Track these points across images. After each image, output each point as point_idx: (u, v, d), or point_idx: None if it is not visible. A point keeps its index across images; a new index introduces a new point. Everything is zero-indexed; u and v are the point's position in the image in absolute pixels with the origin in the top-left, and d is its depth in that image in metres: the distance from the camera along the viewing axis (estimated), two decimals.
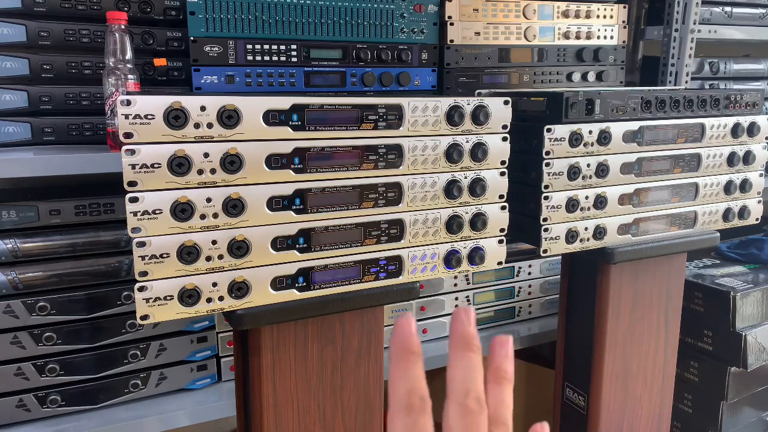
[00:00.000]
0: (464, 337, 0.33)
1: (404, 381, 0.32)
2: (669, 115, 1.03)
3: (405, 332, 0.33)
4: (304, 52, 1.12)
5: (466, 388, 0.32)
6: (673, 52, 1.50)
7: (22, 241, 0.99)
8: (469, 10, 1.25)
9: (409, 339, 0.33)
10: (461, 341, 0.33)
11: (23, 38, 0.99)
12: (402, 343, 0.33)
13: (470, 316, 0.34)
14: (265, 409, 0.83)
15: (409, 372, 0.32)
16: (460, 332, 0.34)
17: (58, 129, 1.04)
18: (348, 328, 0.88)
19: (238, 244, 0.74)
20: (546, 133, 0.92)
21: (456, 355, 0.33)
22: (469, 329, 0.34)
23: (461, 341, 0.33)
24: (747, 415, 1.44)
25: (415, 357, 0.32)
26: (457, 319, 0.34)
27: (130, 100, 0.66)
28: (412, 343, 0.33)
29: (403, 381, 0.32)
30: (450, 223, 0.87)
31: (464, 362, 0.33)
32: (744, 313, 1.32)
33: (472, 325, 0.34)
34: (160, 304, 0.71)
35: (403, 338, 0.33)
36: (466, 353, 0.33)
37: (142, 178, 0.68)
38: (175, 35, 1.08)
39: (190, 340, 1.12)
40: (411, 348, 0.32)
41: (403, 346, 0.32)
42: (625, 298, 1.11)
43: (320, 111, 0.76)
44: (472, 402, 0.32)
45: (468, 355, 0.33)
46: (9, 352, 0.99)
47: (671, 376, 1.22)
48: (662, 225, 1.08)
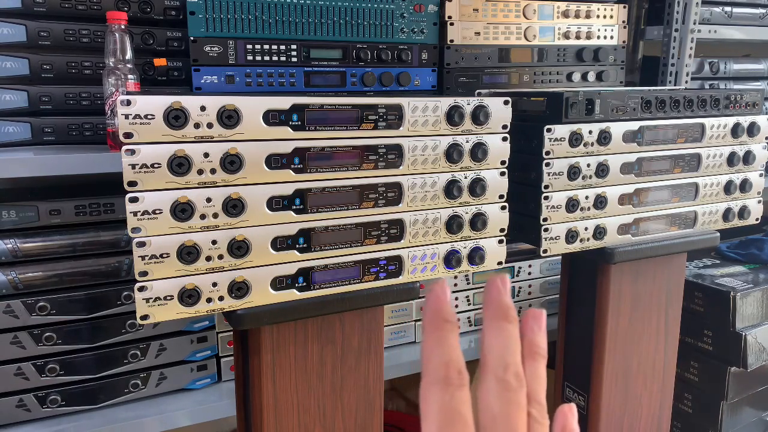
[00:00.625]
0: (501, 307, 0.31)
1: (441, 352, 0.29)
2: (669, 115, 1.03)
3: (440, 300, 0.31)
4: (304, 52, 1.12)
5: (505, 361, 0.30)
6: (673, 52, 1.50)
7: (22, 241, 0.99)
8: (469, 10, 1.25)
9: (444, 307, 0.30)
10: (498, 311, 0.31)
11: (23, 38, 0.99)
12: (437, 310, 0.30)
13: (506, 285, 0.32)
14: (265, 409, 0.83)
15: (445, 342, 0.30)
16: (497, 301, 0.31)
17: (58, 129, 1.04)
18: (348, 328, 0.88)
19: (238, 244, 0.74)
20: (546, 133, 0.92)
21: (493, 326, 0.31)
22: (505, 299, 0.32)
23: (498, 311, 0.31)
24: (747, 415, 1.44)
25: (451, 326, 0.30)
26: (493, 286, 0.32)
27: (130, 100, 0.66)
28: (448, 311, 0.30)
29: (439, 352, 0.29)
30: (450, 223, 0.87)
31: (502, 334, 0.31)
32: (744, 313, 1.32)
33: (508, 295, 0.32)
34: (160, 304, 0.71)
35: (438, 306, 0.30)
36: (503, 324, 0.31)
37: (142, 178, 0.68)
38: (175, 35, 1.08)
39: (190, 340, 1.12)
40: (446, 316, 0.30)
41: (439, 314, 0.30)
42: (625, 298, 1.11)
43: (320, 111, 0.76)
44: (512, 377, 0.30)
45: (505, 326, 0.31)
46: (9, 352, 0.99)
47: (671, 376, 1.22)
48: (662, 225, 1.08)
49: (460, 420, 0.29)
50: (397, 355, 1.29)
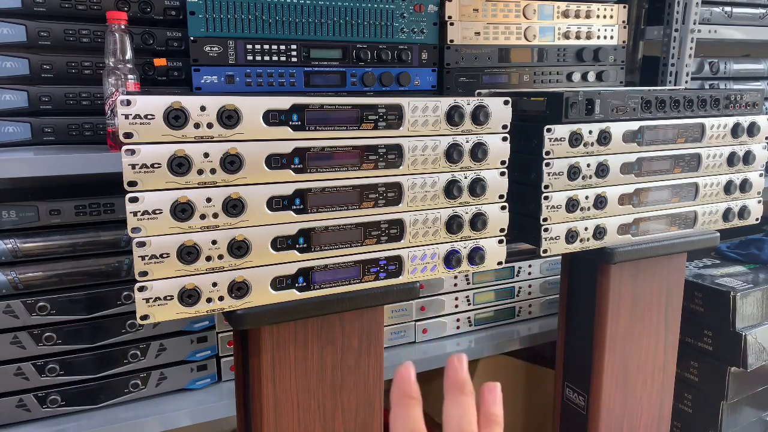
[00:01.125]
0: (458, 382, 0.36)
1: (405, 422, 0.34)
2: (669, 115, 1.03)
3: (405, 379, 0.36)
4: (304, 52, 1.12)
5: (461, 428, 0.35)
6: (673, 52, 1.50)
7: (22, 241, 0.99)
8: (469, 10, 1.25)
9: (408, 385, 0.36)
10: (455, 386, 0.36)
11: (23, 38, 0.99)
12: (402, 388, 0.35)
13: (463, 363, 0.37)
14: (265, 409, 0.83)
15: (409, 414, 0.35)
16: (454, 377, 0.36)
17: (58, 129, 1.04)
18: (348, 328, 0.88)
19: (238, 244, 0.74)
20: (546, 133, 0.92)
21: (451, 399, 0.36)
22: (462, 374, 0.37)
23: (455, 386, 0.36)
24: (747, 415, 1.44)
25: (414, 401, 0.35)
26: (451, 366, 0.37)
27: (130, 100, 0.66)
28: (412, 389, 0.36)
29: (403, 422, 0.34)
30: (450, 223, 0.87)
31: (459, 405, 0.35)
32: (744, 313, 1.32)
33: (464, 371, 0.37)
34: (160, 304, 0.71)
35: (404, 384, 0.36)
36: (460, 397, 0.36)
37: (142, 178, 0.68)
38: (175, 35, 1.08)
39: (190, 340, 1.12)
40: (411, 393, 0.35)
41: (404, 391, 0.35)
42: (625, 298, 1.11)
43: (320, 111, 0.76)
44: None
45: (462, 398, 0.36)
46: (9, 352, 0.99)
47: (671, 376, 1.22)
48: (662, 225, 1.08)
49: None
50: (397, 355, 1.29)
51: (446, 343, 1.34)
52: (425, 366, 1.28)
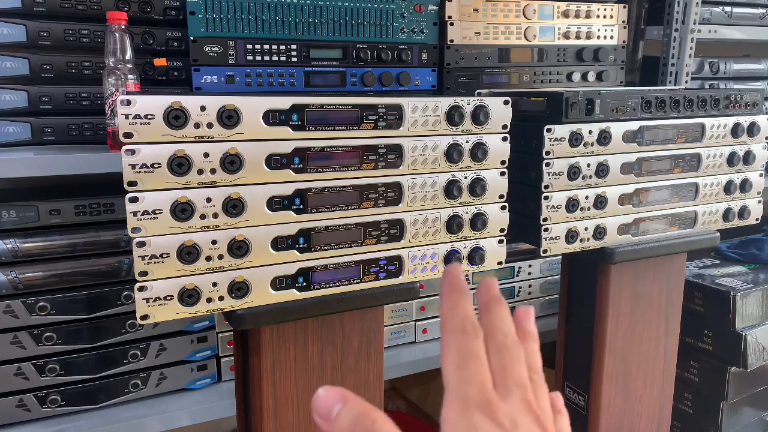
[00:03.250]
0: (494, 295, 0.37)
1: (458, 311, 0.34)
2: (669, 115, 1.03)
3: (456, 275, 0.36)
4: (304, 52, 1.12)
5: (503, 331, 0.35)
6: (673, 52, 1.50)
7: (22, 241, 0.99)
8: (469, 10, 1.25)
9: (459, 281, 0.36)
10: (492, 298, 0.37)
11: (23, 38, 0.99)
12: (454, 282, 0.36)
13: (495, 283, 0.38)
14: (265, 409, 0.83)
15: (461, 304, 0.35)
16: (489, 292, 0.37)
17: (58, 129, 1.04)
18: (348, 328, 0.88)
19: (238, 244, 0.74)
20: (546, 133, 0.92)
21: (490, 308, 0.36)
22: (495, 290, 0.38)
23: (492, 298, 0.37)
24: (747, 415, 1.44)
25: (465, 295, 0.35)
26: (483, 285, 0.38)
27: (130, 100, 0.66)
28: (463, 284, 0.36)
29: (456, 311, 0.34)
30: (450, 223, 0.87)
31: (499, 313, 0.36)
32: (744, 313, 1.32)
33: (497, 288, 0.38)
34: (160, 304, 0.71)
35: (454, 280, 0.36)
36: (498, 306, 0.37)
37: (142, 178, 0.68)
38: (175, 35, 1.08)
39: (190, 340, 1.12)
40: (462, 287, 0.36)
41: (455, 285, 0.36)
42: (625, 298, 1.11)
43: (320, 111, 0.76)
44: (511, 341, 0.35)
45: (500, 307, 0.37)
46: (9, 352, 0.99)
47: (671, 376, 1.22)
48: (662, 225, 1.08)
49: (477, 360, 0.33)
50: (397, 355, 1.29)
51: None
52: (425, 366, 1.28)
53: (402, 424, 1.21)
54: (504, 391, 0.32)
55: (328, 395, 0.34)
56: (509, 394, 0.32)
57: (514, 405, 0.32)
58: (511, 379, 0.33)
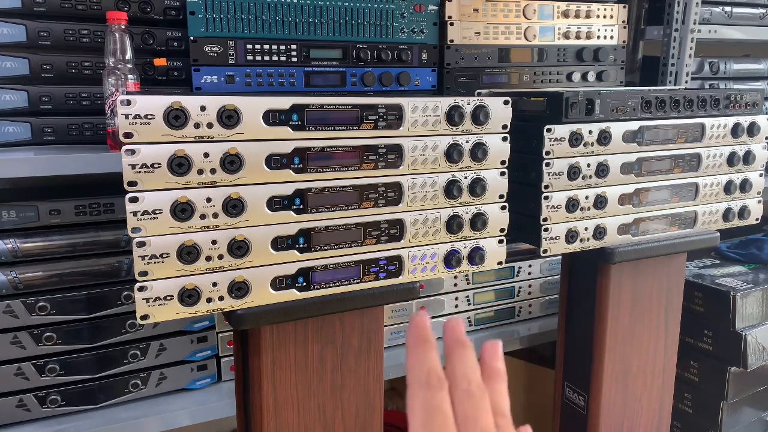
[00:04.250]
0: (458, 338, 0.37)
1: (423, 363, 0.35)
2: (669, 115, 1.03)
3: (420, 325, 0.37)
4: (304, 52, 1.12)
5: (467, 378, 0.36)
6: (673, 52, 1.50)
7: (22, 241, 0.99)
8: (469, 10, 1.25)
9: (424, 331, 0.37)
10: (456, 342, 0.37)
11: (23, 38, 0.99)
12: (418, 333, 0.36)
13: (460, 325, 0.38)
14: (265, 409, 0.83)
15: (426, 356, 0.35)
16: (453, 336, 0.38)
17: (58, 129, 1.04)
18: (348, 328, 0.88)
19: (238, 244, 0.74)
20: (546, 133, 0.92)
21: (453, 353, 0.37)
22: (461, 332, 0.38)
23: (456, 342, 0.37)
24: (747, 415, 1.44)
25: (430, 345, 0.36)
26: (448, 327, 0.38)
27: (130, 100, 0.66)
28: (428, 334, 0.37)
29: (421, 363, 0.35)
30: (450, 223, 0.87)
31: (462, 358, 0.37)
32: (744, 313, 1.32)
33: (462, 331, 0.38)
34: (160, 304, 0.71)
35: (420, 330, 0.37)
36: (462, 350, 0.37)
37: (142, 178, 0.68)
38: (175, 35, 1.08)
39: (190, 340, 1.12)
40: (427, 338, 0.36)
41: (420, 336, 0.36)
42: (625, 298, 1.11)
43: (320, 111, 0.76)
44: (475, 388, 0.35)
45: (464, 351, 0.37)
46: (9, 352, 0.99)
47: (671, 376, 1.22)
48: (662, 225, 1.08)
49: (441, 415, 0.33)
50: (397, 355, 1.29)
51: None
52: None
53: (402, 424, 1.22)
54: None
55: None
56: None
57: None
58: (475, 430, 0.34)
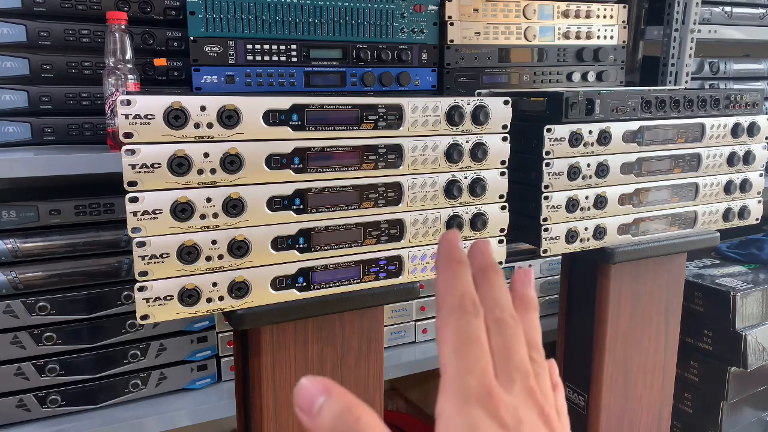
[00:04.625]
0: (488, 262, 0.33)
1: (456, 286, 0.31)
2: (669, 115, 1.03)
3: (453, 243, 0.33)
4: (304, 52, 1.12)
5: (500, 305, 0.32)
6: (673, 52, 1.50)
7: (22, 241, 0.99)
8: (469, 10, 1.25)
9: (456, 250, 0.32)
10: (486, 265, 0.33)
11: (23, 38, 0.99)
12: (450, 252, 0.32)
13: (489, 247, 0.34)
14: (265, 409, 0.83)
15: (459, 277, 0.31)
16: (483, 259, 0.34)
17: (58, 129, 1.04)
18: (348, 328, 0.88)
19: (238, 244, 0.74)
20: (546, 133, 0.92)
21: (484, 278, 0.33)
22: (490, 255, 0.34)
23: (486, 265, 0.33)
24: (747, 415, 1.44)
25: (463, 266, 0.32)
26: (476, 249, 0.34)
27: (130, 100, 0.66)
28: (460, 253, 0.32)
29: (454, 286, 0.31)
30: (450, 223, 0.87)
31: (494, 283, 0.33)
32: (744, 313, 1.32)
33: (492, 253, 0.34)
34: (160, 304, 0.71)
35: (452, 248, 0.32)
36: (493, 275, 0.33)
37: (142, 178, 0.68)
38: (175, 35, 1.08)
39: (190, 340, 1.12)
40: (460, 257, 0.32)
41: (452, 255, 0.32)
42: (625, 298, 1.11)
43: (320, 111, 0.76)
44: (508, 317, 0.32)
45: (495, 277, 0.33)
46: (9, 352, 0.99)
47: (671, 376, 1.22)
48: (662, 225, 1.08)
49: (478, 344, 0.30)
50: (397, 355, 1.29)
51: None
52: (425, 366, 1.28)
53: (402, 424, 1.22)
54: (506, 380, 0.30)
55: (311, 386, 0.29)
56: (512, 383, 0.30)
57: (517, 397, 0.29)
58: (512, 364, 0.30)
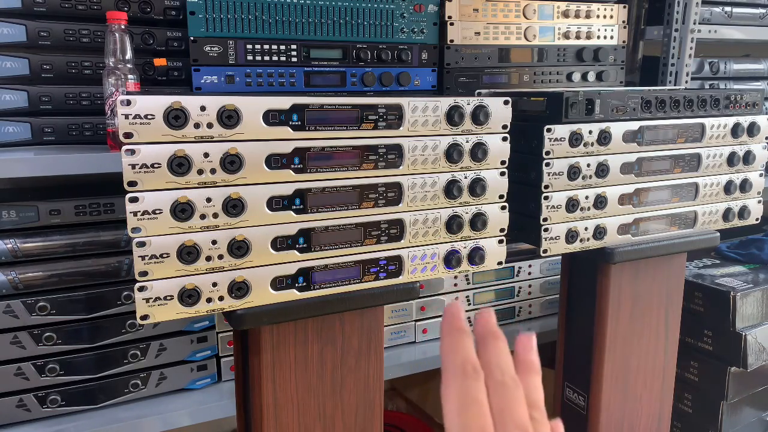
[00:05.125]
0: (491, 329, 0.37)
1: (458, 352, 0.35)
2: (669, 115, 1.03)
3: (455, 314, 0.36)
4: (304, 52, 1.12)
5: (501, 369, 0.35)
6: (673, 52, 1.50)
7: (22, 241, 0.99)
8: (469, 10, 1.25)
9: (458, 320, 0.36)
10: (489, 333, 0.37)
11: (23, 38, 0.99)
12: (453, 322, 0.36)
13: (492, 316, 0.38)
14: (265, 409, 0.83)
15: (461, 345, 0.35)
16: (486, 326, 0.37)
17: (58, 129, 1.04)
18: (348, 328, 0.88)
19: (238, 244, 0.74)
20: (546, 133, 0.92)
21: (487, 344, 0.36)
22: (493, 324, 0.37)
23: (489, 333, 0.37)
24: (747, 415, 1.44)
25: (465, 334, 0.35)
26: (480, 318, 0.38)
27: (130, 100, 0.66)
28: (462, 323, 0.36)
29: (456, 352, 0.35)
30: (450, 223, 0.87)
31: (496, 349, 0.36)
32: (744, 313, 1.32)
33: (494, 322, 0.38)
34: (160, 304, 0.71)
35: (454, 318, 0.36)
36: (495, 341, 0.36)
37: (142, 178, 0.68)
38: (175, 35, 1.08)
39: (190, 340, 1.12)
40: (461, 327, 0.36)
41: (455, 325, 0.36)
42: (625, 298, 1.11)
43: (320, 111, 0.76)
44: (509, 380, 0.35)
45: (497, 342, 0.36)
46: (9, 352, 0.99)
47: (671, 376, 1.22)
48: (662, 225, 1.08)
49: (477, 404, 0.33)
50: (397, 355, 1.29)
51: None
52: (425, 366, 1.28)
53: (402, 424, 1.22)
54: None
55: None
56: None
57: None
58: (512, 423, 0.33)
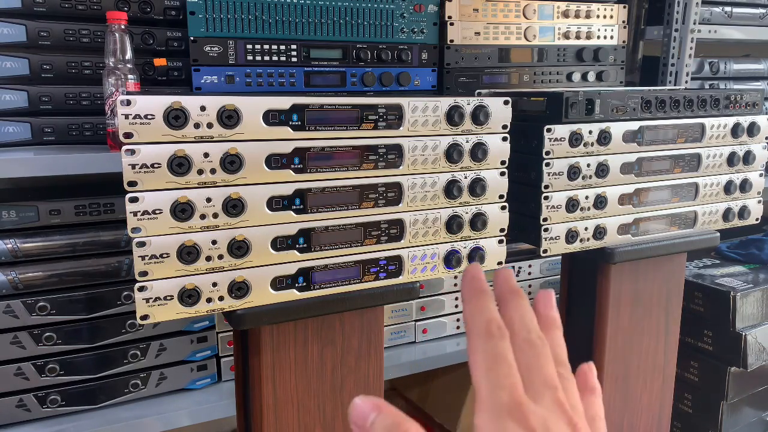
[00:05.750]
0: (511, 287, 0.36)
1: (481, 313, 0.34)
2: (669, 115, 1.03)
3: (475, 276, 0.36)
4: (304, 52, 1.12)
5: (526, 327, 0.35)
6: (673, 52, 1.50)
7: (22, 241, 0.99)
8: (469, 10, 1.25)
9: (479, 281, 0.36)
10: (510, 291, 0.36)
11: (23, 38, 0.99)
12: (474, 284, 0.35)
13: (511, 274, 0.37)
14: (265, 409, 0.83)
15: (484, 306, 0.34)
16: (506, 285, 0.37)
17: (58, 129, 1.04)
18: (348, 328, 0.88)
19: (238, 244, 0.74)
20: (546, 133, 0.92)
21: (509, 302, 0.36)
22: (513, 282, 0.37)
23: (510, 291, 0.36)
24: (747, 415, 1.44)
25: (487, 295, 0.35)
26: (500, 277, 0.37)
27: (130, 100, 0.66)
28: (483, 284, 0.35)
29: (480, 314, 0.34)
30: (450, 223, 0.87)
31: (519, 307, 0.36)
32: (744, 313, 1.32)
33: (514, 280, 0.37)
34: (160, 304, 0.71)
35: (475, 280, 0.36)
36: (517, 299, 0.36)
37: (142, 178, 0.68)
38: (175, 35, 1.08)
39: (190, 340, 1.12)
40: (483, 288, 0.35)
41: (476, 287, 0.35)
42: (625, 298, 1.11)
43: (320, 111, 0.76)
44: (535, 337, 0.34)
45: (519, 300, 0.36)
46: (9, 352, 0.99)
47: (671, 376, 1.22)
48: (662, 225, 1.08)
49: (506, 363, 0.32)
50: (397, 355, 1.29)
51: (446, 343, 1.34)
52: (425, 366, 1.28)
53: None
54: (534, 393, 0.32)
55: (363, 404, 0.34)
56: (540, 396, 0.32)
57: (545, 409, 0.32)
58: (539, 379, 0.33)
